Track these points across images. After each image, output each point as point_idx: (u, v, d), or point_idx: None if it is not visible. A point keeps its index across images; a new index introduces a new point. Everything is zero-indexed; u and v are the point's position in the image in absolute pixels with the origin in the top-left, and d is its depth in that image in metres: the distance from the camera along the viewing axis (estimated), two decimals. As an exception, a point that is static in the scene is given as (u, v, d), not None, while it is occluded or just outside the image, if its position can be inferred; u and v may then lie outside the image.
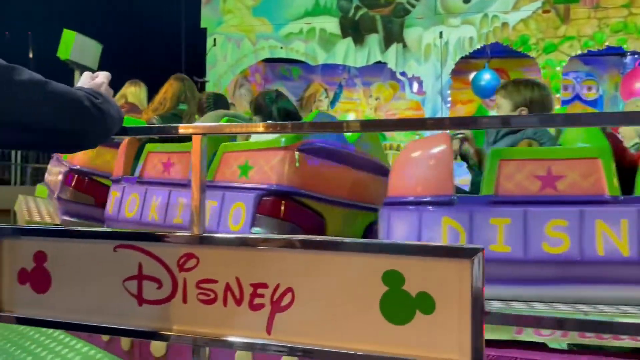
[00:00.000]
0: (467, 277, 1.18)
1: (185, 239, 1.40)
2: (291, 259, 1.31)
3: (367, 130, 2.98)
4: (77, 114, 1.10)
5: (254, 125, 1.64)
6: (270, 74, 9.54)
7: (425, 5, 7.20)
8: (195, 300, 1.38)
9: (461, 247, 1.19)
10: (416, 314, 1.23)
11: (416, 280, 1.23)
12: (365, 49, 7.48)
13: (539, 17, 6.80)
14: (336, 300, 1.29)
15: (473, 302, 1.17)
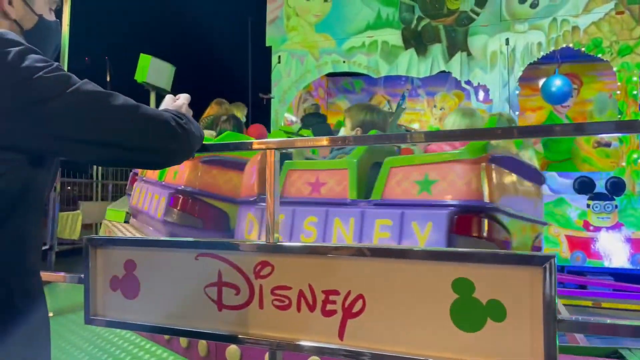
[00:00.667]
0: (539, 284, 1.18)
1: (260, 247, 1.48)
2: (361, 267, 1.36)
3: (433, 141, 2.98)
4: (165, 134, 1.21)
5: (319, 139, 1.71)
6: (333, 88, 9.68)
7: (489, 13, 7.07)
8: (271, 306, 1.45)
9: (532, 254, 1.19)
10: (487, 321, 1.24)
11: (487, 288, 1.24)
12: (429, 59, 7.43)
13: (612, 19, 6.50)
14: (406, 307, 1.32)
15: (545, 310, 1.17)
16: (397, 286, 1.33)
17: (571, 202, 6.55)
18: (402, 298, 1.32)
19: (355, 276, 1.36)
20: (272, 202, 1.43)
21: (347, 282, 1.37)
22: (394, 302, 1.33)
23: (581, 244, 6.51)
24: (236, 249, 1.50)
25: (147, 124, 1.16)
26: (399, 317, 1.32)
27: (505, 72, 6.96)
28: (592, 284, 6.84)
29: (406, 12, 7.52)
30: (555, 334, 1.15)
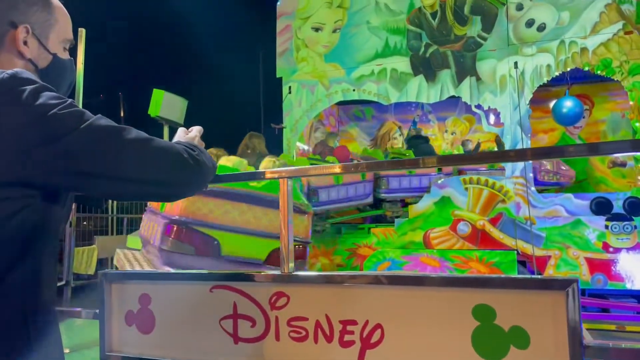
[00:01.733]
0: (562, 309, 1.15)
1: (275, 278, 1.47)
2: (378, 295, 1.33)
3: (444, 165, 2.96)
4: (178, 167, 1.21)
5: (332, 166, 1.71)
6: (344, 116, 9.74)
7: (497, 37, 7.12)
8: (288, 337, 1.43)
9: (554, 278, 1.16)
10: (510, 349, 1.20)
11: (508, 314, 1.21)
12: (438, 85, 7.47)
13: (621, 39, 6.50)
14: (427, 336, 1.28)
15: (570, 336, 1.13)
16: (416, 314, 1.30)
17: (589, 224, 6.43)
18: (421, 326, 1.29)
19: (373, 305, 1.34)
20: (286, 231, 1.42)
21: (365, 311, 1.34)
22: (413, 331, 1.30)
23: (601, 266, 6.37)
24: (251, 279, 1.48)
25: (160, 156, 1.17)
26: (419, 346, 1.28)
27: (516, 95, 6.96)
28: (614, 307, 6.66)
29: (414, 40, 7.60)
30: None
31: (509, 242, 6.77)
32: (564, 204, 6.68)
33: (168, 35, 20.15)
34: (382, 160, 7.28)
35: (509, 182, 6.91)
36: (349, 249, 7.52)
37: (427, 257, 7.09)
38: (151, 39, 19.34)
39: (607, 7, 6.56)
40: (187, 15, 19.01)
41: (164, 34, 20.05)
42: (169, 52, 19.95)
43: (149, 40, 19.20)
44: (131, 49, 19.54)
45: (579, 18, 6.69)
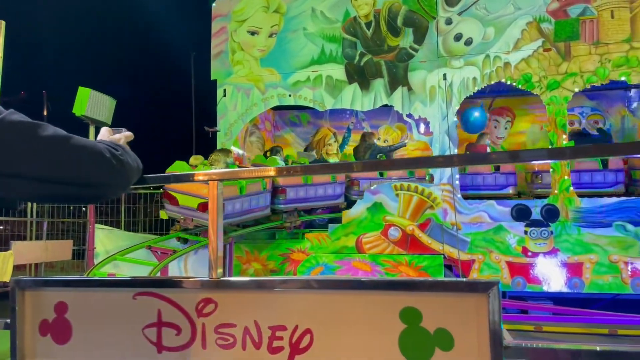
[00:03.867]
0: (485, 311, 1.19)
1: (203, 284, 1.42)
2: (309, 300, 1.32)
3: (378, 170, 3.03)
4: (99, 166, 1.15)
5: (266, 169, 1.69)
6: (279, 121, 9.73)
7: (427, 49, 7.39)
8: (214, 345, 1.39)
9: (477, 281, 1.20)
10: (435, 351, 1.23)
11: (434, 316, 1.24)
12: (372, 93, 7.63)
13: (540, 56, 6.94)
14: (355, 340, 1.29)
15: (492, 337, 1.17)
16: (345, 318, 1.30)
17: (510, 229, 6.79)
18: (350, 330, 1.29)
19: (303, 310, 1.33)
20: (215, 235, 1.38)
21: (294, 316, 1.33)
22: (342, 334, 1.30)
23: (521, 270, 6.74)
24: (177, 286, 1.43)
25: (79, 155, 1.10)
26: (348, 350, 1.29)
27: (444, 106, 7.24)
28: (533, 309, 7.06)
29: (349, 48, 7.73)
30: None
31: (436, 246, 7.01)
32: (488, 210, 7.01)
33: (98, 32, 19.31)
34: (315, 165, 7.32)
35: (437, 189, 7.17)
36: (283, 254, 7.50)
37: (359, 262, 7.20)
38: (79, 35, 18.45)
39: (528, 25, 6.98)
40: (119, 12, 18.31)
41: (93, 30, 19.19)
42: (98, 50, 19.12)
43: (77, 37, 18.31)
44: (58, 45, 18.54)
45: (503, 34, 7.07)
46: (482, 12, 7.14)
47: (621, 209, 6.47)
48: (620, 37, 6.68)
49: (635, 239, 6.29)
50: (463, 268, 6.91)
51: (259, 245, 7.53)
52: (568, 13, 6.85)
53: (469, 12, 7.20)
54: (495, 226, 6.89)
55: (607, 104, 8.42)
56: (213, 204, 1.39)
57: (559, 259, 6.61)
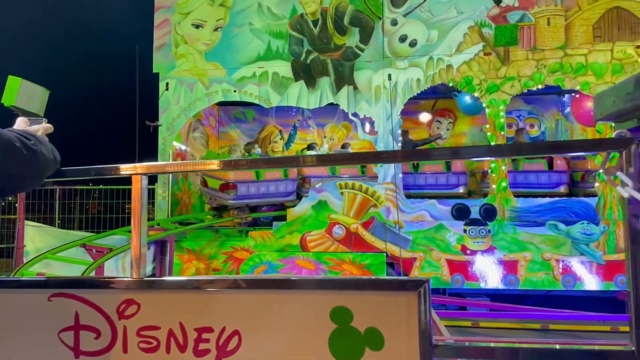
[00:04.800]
0: (414, 310, 1.18)
1: (125, 284, 1.34)
2: (237, 300, 1.27)
3: (323, 165, 3.00)
4: (7, 155, 1.05)
5: (201, 163, 1.62)
6: (224, 117, 9.55)
7: (373, 50, 7.46)
8: (136, 349, 1.31)
9: (407, 279, 1.19)
10: (365, 351, 1.21)
11: (364, 316, 1.21)
12: (318, 92, 7.62)
13: (481, 60, 7.15)
14: (284, 341, 1.25)
15: (421, 336, 1.16)
16: (275, 319, 1.26)
17: (450, 228, 6.96)
18: (280, 331, 1.25)
19: (231, 311, 1.27)
20: (138, 232, 1.30)
21: (222, 317, 1.27)
22: (271, 336, 1.25)
23: (460, 267, 6.92)
24: (96, 286, 1.34)
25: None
26: (277, 351, 1.24)
27: (389, 106, 7.33)
28: (470, 305, 7.28)
29: (295, 45, 7.68)
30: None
31: (379, 244, 7.10)
32: (429, 209, 7.16)
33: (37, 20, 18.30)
34: (261, 158, 7.25)
35: (380, 188, 7.25)
36: (226, 252, 7.37)
37: (303, 260, 7.18)
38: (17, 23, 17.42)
39: (470, 29, 7.17)
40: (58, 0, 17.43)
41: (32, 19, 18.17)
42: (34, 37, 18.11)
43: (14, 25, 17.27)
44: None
45: (446, 37, 7.24)
46: (427, 14, 7.28)
47: (554, 208, 6.77)
48: (555, 44, 6.98)
49: (567, 237, 6.59)
50: (405, 266, 7.03)
51: (201, 243, 7.37)
52: (508, 19, 7.09)
53: (413, 15, 7.32)
54: (436, 225, 7.05)
55: (543, 107, 8.80)
56: (136, 198, 1.31)
57: (495, 256, 6.85)
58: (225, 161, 1.62)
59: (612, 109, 1.20)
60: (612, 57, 6.82)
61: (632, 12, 6.90)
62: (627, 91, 1.15)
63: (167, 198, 7.70)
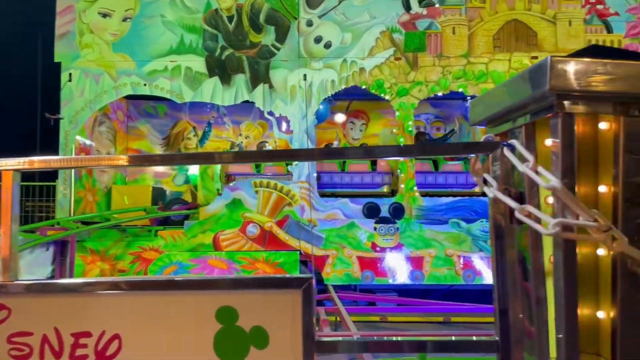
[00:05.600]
0: (299, 307, 1.20)
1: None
2: (118, 303, 1.23)
3: (240, 162, 2.96)
4: None
5: (97, 158, 1.54)
6: (134, 111, 9.16)
7: (289, 49, 7.48)
8: (7, 356, 1.23)
9: (291, 277, 1.21)
10: (250, 350, 1.21)
11: (250, 315, 1.22)
12: (233, 89, 7.52)
13: (392, 64, 7.41)
14: (168, 344, 1.22)
15: (304, 333, 1.18)
16: (157, 321, 1.23)
17: (361, 226, 7.15)
18: (163, 333, 1.22)
19: (111, 314, 1.22)
20: (7, 232, 1.22)
21: (102, 321, 1.22)
22: (154, 338, 1.22)
23: (370, 264, 7.13)
24: (-40, 291, 1.23)
25: None
26: (159, 354, 1.22)
27: (304, 106, 7.39)
28: (380, 300, 7.53)
29: (210, 41, 7.53)
30: (313, 357, 1.17)
31: (293, 243, 7.14)
32: (342, 207, 7.32)
33: None
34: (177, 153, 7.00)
35: (295, 187, 7.30)
36: (134, 252, 7.08)
37: (215, 260, 7.06)
38: None
39: (381, 34, 7.40)
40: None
41: None
42: None
43: None
44: None
45: (359, 40, 7.42)
46: (341, 17, 7.41)
47: (456, 207, 7.16)
48: (459, 52, 7.38)
49: (467, 234, 7.00)
50: (317, 263, 7.13)
51: (106, 243, 7.02)
52: (416, 26, 7.40)
53: (328, 17, 7.43)
54: (348, 223, 7.21)
55: (448, 112, 9.27)
56: (7, 197, 1.22)
57: (403, 253, 7.12)
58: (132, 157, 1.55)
59: (483, 115, 1.29)
60: (510, 66, 7.32)
61: (529, 25, 7.46)
62: (496, 98, 1.24)
63: (68, 196, 7.26)
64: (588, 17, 7.47)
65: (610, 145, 1.05)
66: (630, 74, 1.01)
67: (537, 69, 1.03)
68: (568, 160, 1.01)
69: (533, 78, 1.04)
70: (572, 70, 1.00)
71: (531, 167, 1.05)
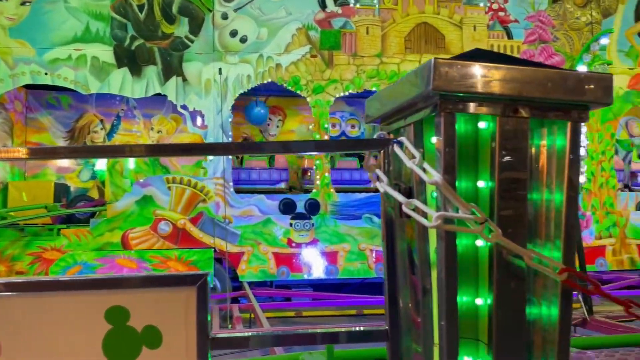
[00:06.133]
0: (193, 305, 1.18)
1: None
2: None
3: (152, 156, 2.85)
4: None
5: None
6: (33, 102, 8.53)
7: (203, 42, 7.29)
8: None
9: (185, 274, 1.18)
10: (143, 350, 1.17)
11: (142, 314, 1.18)
12: (144, 80, 7.22)
13: (308, 61, 7.46)
14: (53, 347, 1.15)
15: (198, 330, 1.17)
16: (41, 324, 1.15)
17: (277, 222, 7.16)
18: (47, 337, 1.15)
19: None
20: None
21: (-25, 327, 1.13)
22: (37, 342, 1.15)
23: (285, 260, 7.16)
24: None
25: None
26: (42, 359, 1.14)
27: (219, 100, 7.25)
28: (295, 296, 7.59)
29: (118, 30, 7.17)
30: (207, 354, 1.16)
31: (207, 240, 7.00)
32: (258, 204, 7.28)
33: None
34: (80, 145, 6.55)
35: (210, 183, 7.15)
36: (33, 252, 6.61)
37: (124, 259, 6.77)
38: None
39: (298, 31, 7.43)
40: None
41: None
42: None
43: None
44: None
45: (275, 36, 7.39)
46: (257, 12, 7.35)
47: (369, 203, 7.36)
48: (373, 51, 7.58)
49: (379, 229, 7.22)
50: (232, 260, 7.05)
51: (1, 244, 6.50)
52: (332, 24, 7.50)
53: (244, 10, 7.34)
54: (264, 219, 7.19)
55: (363, 110, 9.50)
56: None
57: (318, 248, 7.22)
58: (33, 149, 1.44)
59: (378, 112, 1.34)
60: (420, 67, 7.63)
61: (437, 28, 7.81)
62: (389, 96, 1.29)
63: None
64: (491, 23, 7.96)
65: (488, 143, 1.13)
66: (505, 77, 1.09)
67: (422, 70, 1.08)
68: (449, 157, 1.08)
69: (419, 78, 1.10)
70: (454, 72, 1.06)
71: (417, 163, 1.11)
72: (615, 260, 7.96)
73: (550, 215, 1.11)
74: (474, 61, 1.09)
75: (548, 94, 1.07)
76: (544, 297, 1.11)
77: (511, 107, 1.11)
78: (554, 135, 1.12)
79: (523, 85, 1.07)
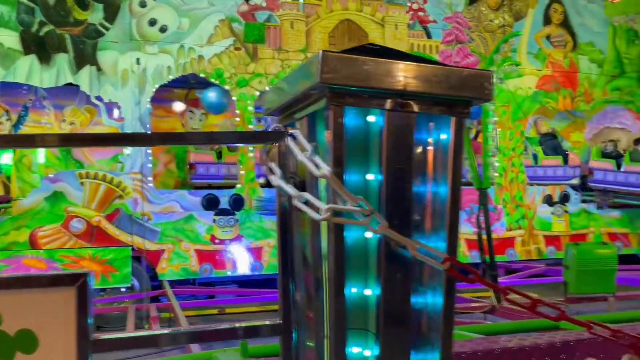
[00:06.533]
0: (72, 306, 1.11)
1: None
2: None
3: (68, 145, 2.67)
4: None
5: None
6: None
7: (120, 30, 6.96)
8: None
9: (63, 274, 1.11)
10: (16, 355, 1.09)
11: (16, 317, 1.09)
12: (54, 69, 6.79)
13: (232, 54, 7.32)
14: None
15: (78, 333, 1.10)
16: None
17: (199, 218, 7.00)
18: None
19: None
20: None
21: None
22: None
23: (209, 257, 7.02)
24: None
25: None
26: None
27: (137, 91, 6.97)
28: (219, 293, 7.46)
29: (25, 14, 6.69)
30: (87, 358, 1.09)
31: (125, 238, 6.72)
32: (179, 200, 7.08)
33: None
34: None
35: (127, 178, 6.86)
36: None
37: (31, 259, 6.35)
38: None
39: (221, 22, 7.27)
40: None
41: None
42: None
43: None
44: None
45: (197, 27, 7.19)
46: (178, 1, 7.12)
47: (293, 198, 7.36)
48: (297, 46, 7.57)
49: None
50: (152, 258, 6.81)
51: None
52: (256, 17, 7.41)
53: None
54: (186, 215, 7.00)
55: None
56: None
57: (243, 244, 7.14)
58: None
59: (275, 104, 1.32)
60: (344, 64, 7.71)
61: (360, 25, 7.93)
62: (285, 88, 1.27)
63: None
64: (411, 23, 8.19)
65: (377, 136, 1.14)
66: (392, 72, 1.10)
67: (311, 62, 1.08)
68: (338, 150, 1.08)
69: (309, 70, 1.09)
70: (342, 65, 1.07)
71: (308, 156, 1.10)
72: (524, 251, 8.48)
73: (436, 207, 1.15)
74: (364, 55, 1.10)
75: (432, 89, 1.10)
76: (430, 286, 1.15)
77: (399, 102, 1.13)
78: (439, 130, 1.16)
79: (409, 80, 1.09)
